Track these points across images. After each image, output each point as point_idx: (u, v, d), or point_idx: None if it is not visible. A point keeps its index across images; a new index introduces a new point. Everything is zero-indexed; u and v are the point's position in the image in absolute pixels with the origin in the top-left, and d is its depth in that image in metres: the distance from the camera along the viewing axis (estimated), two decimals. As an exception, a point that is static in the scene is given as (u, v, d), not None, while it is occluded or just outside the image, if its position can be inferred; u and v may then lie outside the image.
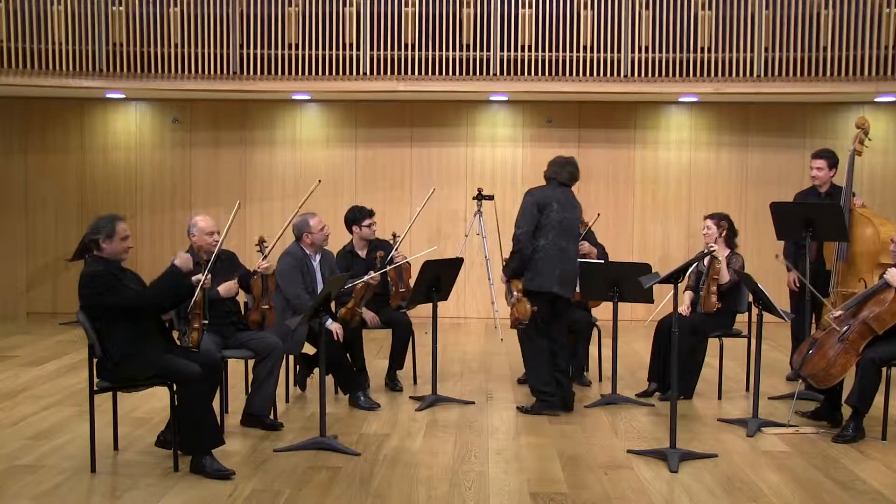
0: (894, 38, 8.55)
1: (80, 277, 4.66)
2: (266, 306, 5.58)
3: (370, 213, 6.63)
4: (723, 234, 6.30)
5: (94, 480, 4.54)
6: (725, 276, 6.12)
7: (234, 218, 5.22)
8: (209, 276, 4.98)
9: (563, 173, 5.97)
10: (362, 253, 6.63)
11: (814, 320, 6.33)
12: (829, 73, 8.66)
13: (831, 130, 9.86)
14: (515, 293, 5.86)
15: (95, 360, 4.65)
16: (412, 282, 6.31)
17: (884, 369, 5.27)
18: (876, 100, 9.52)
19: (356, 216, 6.63)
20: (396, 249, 6.48)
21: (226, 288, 5.39)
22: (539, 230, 5.81)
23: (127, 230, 4.76)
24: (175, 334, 5.03)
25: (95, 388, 4.65)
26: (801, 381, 5.69)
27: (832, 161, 6.57)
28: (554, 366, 5.90)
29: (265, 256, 5.57)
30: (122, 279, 4.69)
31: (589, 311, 6.86)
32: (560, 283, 5.80)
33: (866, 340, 5.30)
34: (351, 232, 6.69)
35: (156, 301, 4.71)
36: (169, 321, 5.14)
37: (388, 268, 6.33)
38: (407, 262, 6.57)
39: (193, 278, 4.95)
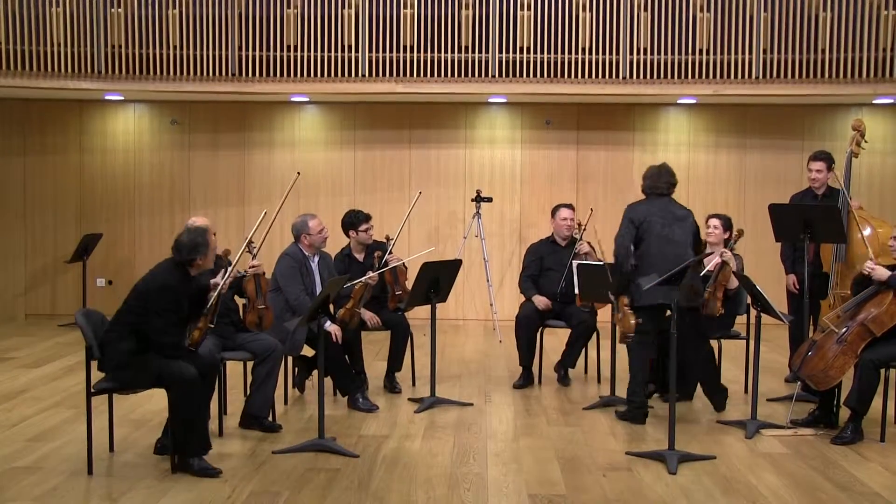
0: (892, 39, 8.55)
1: (154, 277, 4.64)
2: (262, 306, 5.58)
3: (367, 218, 6.62)
4: (728, 237, 6.27)
5: (91, 483, 4.54)
6: (735, 283, 6.02)
7: (259, 225, 5.37)
8: (228, 280, 5.02)
9: (659, 184, 5.73)
10: (360, 257, 6.62)
11: (811, 322, 6.33)
12: (827, 75, 8.65)
13: (829, 132, 9.86)
14: (623, 309, 5.74)
15: (95, 363, 4.64)
16: (409, 284, 6.30)
17: (882, 371, 5.27)
18: (874, 101, 9.52)
19: (353, 220, 6.62)
20: (390, 252, 6.47)
21: None
22: (640, 244, 5.61)
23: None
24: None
25: (93, 389, 4.65)
26: (798, 382, 5.69)
27: (830, 163, 6.58)
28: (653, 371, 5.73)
29: (254, 256, 5.58)
30: (186, 294, 4.67)
31: (596, 313, 6.87)
32: (663, 291, 5.34)
33: (865, 342, 5.29)
34: (348, 236, 6.69)
35: (170, 342, 4.64)
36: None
37: (384, 269, 6.32)
38: (402, 263, 6.56)
39: (212, 281, 4.97)
